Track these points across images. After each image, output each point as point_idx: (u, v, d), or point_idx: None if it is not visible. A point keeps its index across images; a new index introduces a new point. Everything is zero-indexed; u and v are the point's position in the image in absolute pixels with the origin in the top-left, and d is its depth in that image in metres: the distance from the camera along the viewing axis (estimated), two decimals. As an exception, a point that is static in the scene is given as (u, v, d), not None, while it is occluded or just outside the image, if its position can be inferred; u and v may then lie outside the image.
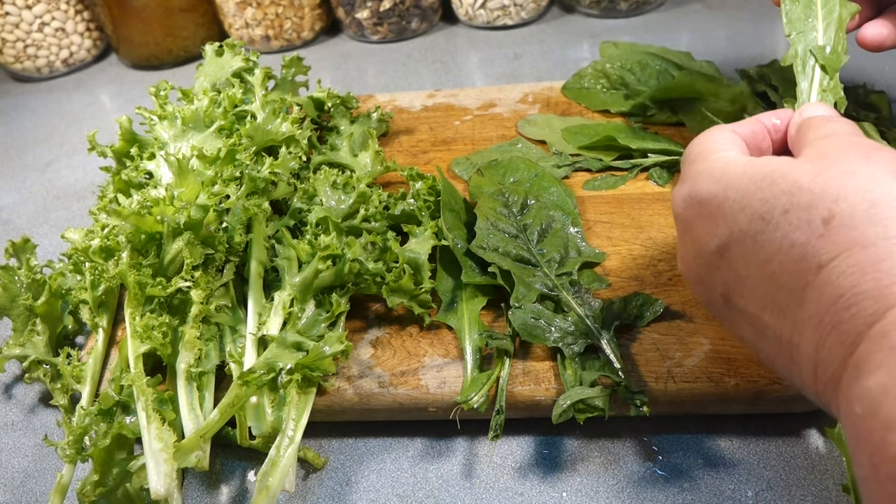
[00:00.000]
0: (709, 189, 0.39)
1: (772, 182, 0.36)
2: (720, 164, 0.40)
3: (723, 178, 0.39)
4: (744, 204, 0.37)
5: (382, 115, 0.78)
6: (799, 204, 0.34)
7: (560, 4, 1.10)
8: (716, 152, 0.41)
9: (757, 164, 0.38)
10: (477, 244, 0.57)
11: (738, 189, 0.37)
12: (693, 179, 0.41)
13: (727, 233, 0.37)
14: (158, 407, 0.50)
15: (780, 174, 0.36)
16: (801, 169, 0.35)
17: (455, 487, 0.51)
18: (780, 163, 0.37)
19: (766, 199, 0.36)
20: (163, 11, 1.05)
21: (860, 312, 0.30)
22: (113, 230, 0.57)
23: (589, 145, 0.71)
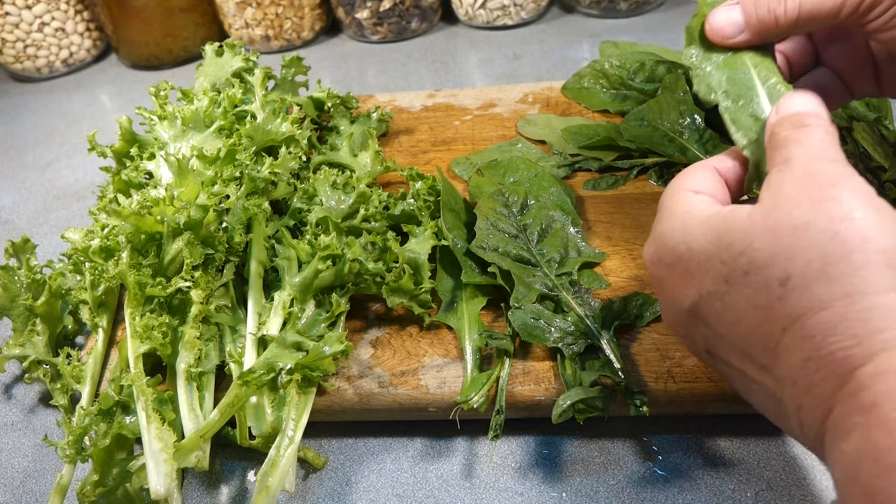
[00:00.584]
0: (674, 250, 0.39)
1: (729, 244, 0.35)
2: (681, 223, 0.39)
3: (685, 239, 0.38)
4: (707, 266, 0.36)
5: (382, 115, 0.78)
6: (756, 265, 0.34)
7: (560, 4, 1.10)
8: (683, 204, 0.40)
9: (715, 222, 0.37)
10: (477, 244, 0.57)
11: (700, 251, 0.37)
12: (660, 238, 0.40)
13: (696, 294, 0.37)
14: (158, 407, 0.50)
15: (737, 233, 0.35)
16: (755, 226, 0.35)
17: (455, 487, 0.51)
18: (735, 219, 0.36)
19: (726, 261, 0.35)
20: (163, 11, 1.05)
21: (829, 376, 0.30)
22: (113, 230, 0.57)
23: (589, 145, 0.71)
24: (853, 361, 0.30)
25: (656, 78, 0.77)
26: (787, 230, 0.33)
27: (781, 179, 0.36)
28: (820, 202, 0.33)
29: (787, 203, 0.34)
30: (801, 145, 0.37)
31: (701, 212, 0.39)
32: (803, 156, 0.36)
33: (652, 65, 0.78)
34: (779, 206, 0.34)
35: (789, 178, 0.35)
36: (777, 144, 0.39)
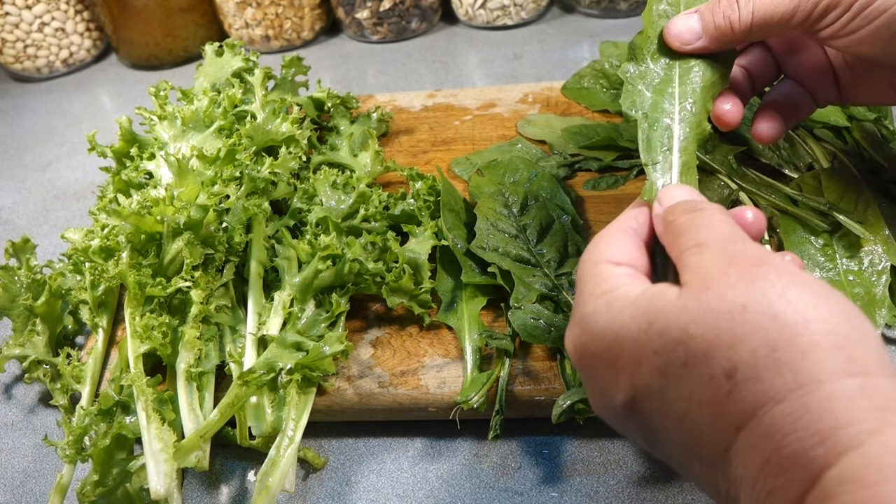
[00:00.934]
0: (600, 340, 0.35)
1: (662, 330, 0.32)
2: (605, 306, 0.35)
3: (612, 325, 0.35)
4: (639, 357, 0.33)
5: (382, 115, 0.78)
6: (696, 356, 0.31)
7: (560, 4, 1.10)
8: (604, 282, 0.37)
9: (642, 304, 0.34)
10: (477, 244, 0.57)
11: (630, 339, 0.33)
12: (583, 324, 0.36)
13: (630, 388, 0.34)
14: (158, 407, 0.50)
15: (669, 318, 0.32)
16: (688, 310, 0.32)
17: (455, 487, 0.51)
18: (664, 303, 0.33)
19: (660, 351, 0.32)
20: (163, 11, 1.05)
21: (792, 480, 0.27)
22: (113, 230, 0.57)
23: (589, 145, 0.71)
24: (818, 463, 0.27)
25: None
26: (724, 314, 0.31)
27: (701, 262, 0.33)
28: (751, 282, 0.31)
29: (717, 284, 0.32)
30: (708, 229, 0.35)
31: (626, 292, 0.36)
32: (715, 238, 0.34)
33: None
34: (708, 287, 0.32)
35: (710, 259, 0.33)
36: (679, 230, 0.37)
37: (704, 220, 0.36)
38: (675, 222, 0.38)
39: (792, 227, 0.58)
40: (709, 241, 0.34)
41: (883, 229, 0.56)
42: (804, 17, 0.45)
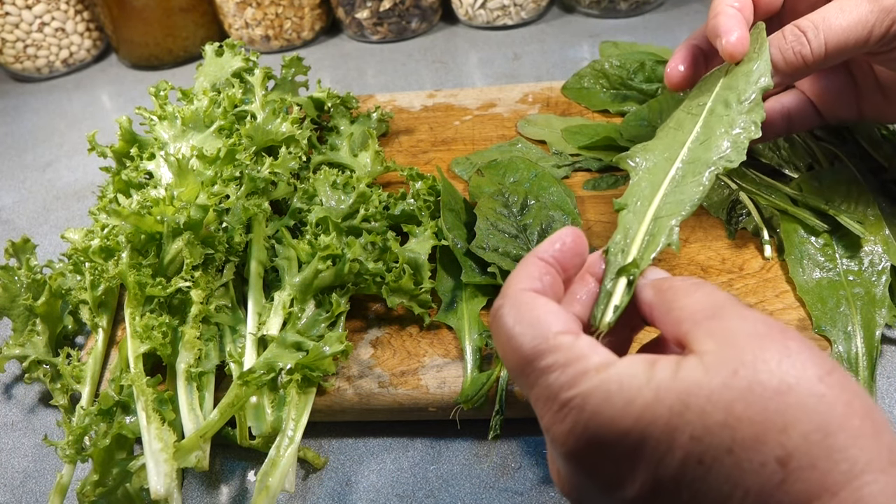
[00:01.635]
0: (614, 428, 0.30)
1: (701, 413, 0.28)
2: (616, 387, 0.30)
3: (631, 410, 0.29)
4: (670, 444, 0.28)
5: (382, 115, 0.78)
6: (743, 441, 0.28)
7: (560, 4, 1.10)
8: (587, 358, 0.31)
9: (665, 384, 0.29)
10: (477, 244, 0.57)
11: (659, 425, 0.29)
12: (585, 408, 0.30)
13: (651, 480, 0.29)
14: (158, 407, 0.50)
15: (710, 400, 0.28)
16: (730, 389, 0.28)
17: (455, 487, 0.51)
18: (697, 379, 0.29)
19: (701, 438, 0.28)
20: (163, 11, 1.05)
21: None
22: (113, 230, 0.57)
23: (589, 145, 0.71)
24: None
25: (656, 78, 0.77)
26: (770, 392, 0.28)
27: (726, 326, 0.30)
28: (789, 356, 0.29)
29: (753, 357, 0.29)
30: (712, 293, 0.33)
31: (631, 371, 0.30)
32: (726, 300, 0.32)
33: (652, 65, 0.78)
34: (745, 361, 0.29)
35: (736, 324, 0.30)
36: (676, 294, 0.34)
37: (704, 288, 0.34)
38: (670, 290, 0.35)
39: (792, 227, 0.58)
40: (722, 305, 0.32)
41: (883, 229, 0.56)
42: (879, 39, 0.45)
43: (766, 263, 0.58)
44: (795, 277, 0.55)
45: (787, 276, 0.56)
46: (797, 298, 0.54)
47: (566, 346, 0.32)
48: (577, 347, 0.32)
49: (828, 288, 0.54)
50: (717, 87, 0.47)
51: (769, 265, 0.58)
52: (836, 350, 0.50)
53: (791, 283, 0.56)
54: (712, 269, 0.58)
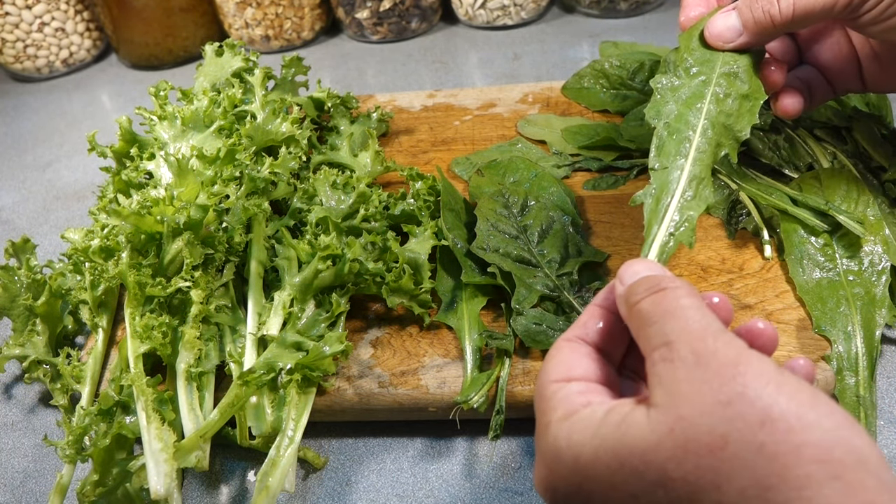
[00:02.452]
0: (568, 481, 0.32)
1: (635, 472, 0.29)
2: (564, 442, 0.32)
3: (577, 467, 0.31)
4: (614, 500, 0.30)
5: (382, 115, 0.78)
6: (679, 500, 0.28)
7: (560, 4, 1.10)
8: (558, 409, 0.34)
9: (609, 439, 0.31)
10: (477, 245, 0.57)
11: (600, 481, 0.30)
12: (546, 464, 0.33)
13: None
14: (158, 407, 0.50)
15: (644, 459, 0.29)
16: (662, 447, 0.29)
17: (455, 487, 0.51)
18: (635, 436, 0.30)
19: (638, 494, 0.29)
20: (163, 11, 1.05)
21: None
22: (113, 230, 0.57)
23: (589, 145, 0.71)
24: None
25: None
26: (703, 450, 0.28)
27: (673, 376, 0.30)
28: (728, 404, 0.28)
29: (691, 410, 0.29)
30: (675, 318, 0.32)
31: (585, 417, 0.32)
32: (683, 333, 0.31)
33: (652, 65, 0.78)
34: (682, 415, 0.29)
35: (681, 370, 0.30)
36: (644, 318, 0.34)
37: (670, 305, 0.33)
38: (638, 306, 0.34)
39: (792, 227, 0.58)
40: (677, 339, 0.31)
41: (883, 229, 0.56)
42: (846, 4, 0.46)
43: (766, 263, 0.58)
44: (795, 277, 0.55)
45: (787, 276, 0.56)
46: (797, 298, 0.54)
47: (548, 395, 0.35)
48: (556, 398, 0.34)
49: (828, 288, 0.54)
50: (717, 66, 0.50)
51: (769, 265, 0.58)
52: (836, 350, 0.50)
53: (791, 283, 0.56)
54: (712, 269, 0.58)
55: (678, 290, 0.34)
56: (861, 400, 0.48)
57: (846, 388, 0.49)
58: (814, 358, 0.50)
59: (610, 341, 0.38)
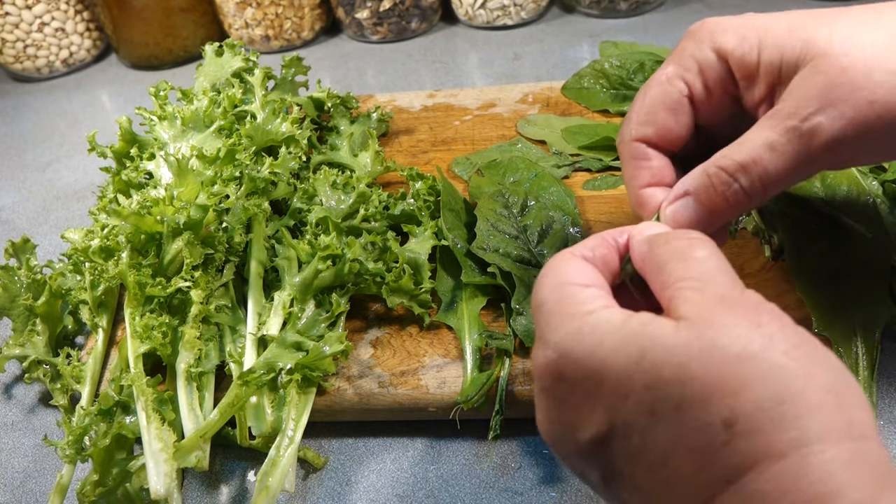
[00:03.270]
0: (581, 366, 0.31)
1: (657, 365, 0.29)
2: (590, 328, 0.32)
3: (597, 352, 0.31)
4: (626, 391, 0.30)
5: (382, 115, 0.78)
6: (693, 399, 0.28)
7: (560, 4, 1.10)
8: (581, 305, 0.33)
9: (634, 332, 0.31)
10: (477, 245, 0.57)
11: (617, 369, 0.30)
12: (559, 348, 0.32)
13: (606, 423, 0.31)
14: (158, 407, 0.50)
15: (666, 352, 0.29)
16: (689, 347, 0.29)
17: (455, 487, 0.51)
18: (661, 334, 0.30)
19: (652, 388, 0.29)
20: (163, 11, 1.05)
21: None
22: (113, 230, 0.57)
23: (589, 145, 0.71)
24: None
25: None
26: (731, 357, 0.28)
27: (704, 296, 0.31)
28: (758, 326, 0.29)
29: (722, 322, 0.29)
30: (704, 262, 0.32)
31: (609, 315, 0.32)
32: (713, 279, 0.32)
33: (652, 65, 0.78)
34: (713, 325, 0.29)
35: (712, 294, 0.31)
36: (667, 257, 0.33)
37: (698, 252, 0.33)
38: (664, 247, 0.34)
39: (792, 227, 0.58)
40: (710, 281, 0.32)
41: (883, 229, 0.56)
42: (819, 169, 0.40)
43: (766, 263, 0.58)
44: (795, 278, 0.55)
45: (787, 276, 0.56)
46: (797, 298, 0.54)
47: (567, 294, 0.34)
48: (577, 295, 0.34)
49: (828, 288, 0.54)
50: None
51: (769, 265, 0.58)
52: (836, 350, 0.50)
53: (791, 283, 0.56)
54: (712, 269, 0.58)
55: (711, 247, 0.34)
56: (861, 400, 0.48)
57: (846, 388, 0.49)
58: (814, 358, 0.50)
59: (612, 275, 0.38)
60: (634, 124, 0.44)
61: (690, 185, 0.41)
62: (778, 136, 0.38)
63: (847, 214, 0.56)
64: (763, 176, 0.39)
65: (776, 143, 0.38)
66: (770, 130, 0.38)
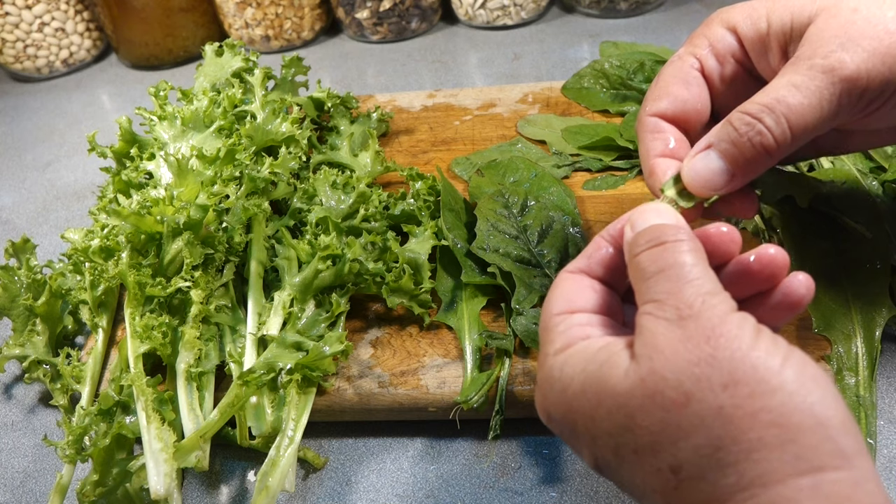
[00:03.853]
0: (558, 409, 0.34)
1: (611, 413, 0.31)
2: (557, 374, 0.34)
3: (565, 397, 0.34)
4: (594, 433, 0.32)
5: (382, 115, 0.78)
6: (643, 447, 0.30)
7: (560, 4, 1.10)
8: (554, 343, 0.36)
9: (593, 377, 0.32)
10: (478, 245, 0.57)
11: (583, 414, 0.33)
12: (542, 392, 0.36)
13: (591, 456, 0.33)
14: (158, 407, 0.50)
15: (616, 403, 0.31)
16: (633, 396, 0.30)
17: (455, 487, 0.51)
18: (612, 381, 0.31)
19: (612, 433, 0.31)
20: (163, 11, 1.05)
21: None
22: (113, 230, 0.57)
23: (589, 145, 0.71)
24: None
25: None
26: (669, 404, 0.29)
27: (655, 329, 0.31)
28: (697, 364, 0.29)
29: (664, 365, 0.30)
30: (667, 279, 0.32)
31: (578, 352, 0.34)
32: (672, 295, 0.32)
33: (652, 65, 0.78)
34: (655, 369, 0.30)
35: (662, 327, 0.31)
36: (640, 274, 0.34)
37: (667, 262, 0.33)
38: (637, 259, 0.35)
39: (792, 228, 0.58)
40: (667, 301, 0.32)
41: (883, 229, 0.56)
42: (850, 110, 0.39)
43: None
44: (795, 277, 0.55)
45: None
46: (797, 298, 0.54)
47: (550, 327, 0.36)
48: (556, 330, 0.36)
49: (828, 288, 0.54)
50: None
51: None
52: (836, 350, 0.50)
53: (791, 283, 0.56)
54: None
55: (679, 245, 0.33)
56: (861, 400, 0.48)
57: (846, 387, 0.49)
58: (814, 358, 0.50)
59: (613, 273, 0.38)
60: (649, 101, 0.44)
61: (712, 136, 0.40)
62: (801, 75, 0.38)
63: (847, 214, 0.56)
64: (788, 115, 0.37)
65: (799, 82, 0.37)
66: (792, 73, 0.38)
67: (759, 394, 0.28)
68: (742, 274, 0.35)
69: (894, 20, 0.37)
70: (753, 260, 0.35)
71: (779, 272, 0.35)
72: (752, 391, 0.28)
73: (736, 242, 0.36)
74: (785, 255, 0.35)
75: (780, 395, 0.28)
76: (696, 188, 0.40)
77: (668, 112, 0.43)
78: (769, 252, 0.35)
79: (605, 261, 0.38)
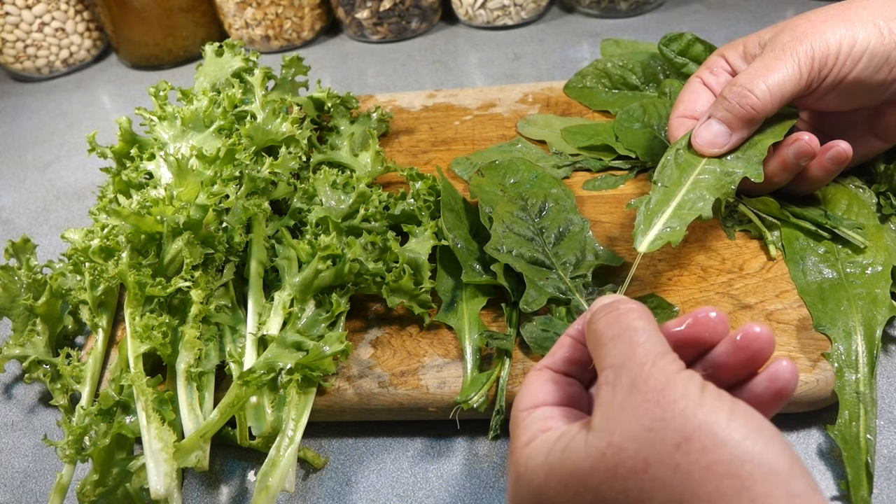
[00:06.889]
0: (532, 498, 0.36)
1: (577, 493, 0.33)
2: (523, 468, 0.36)
3: (531, 490, 0.36)
4: None
5: (382, 115, 0.78)
6: None
7: (560, 4, 1.10)
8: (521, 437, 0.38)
9: (555, 464, 0.35)
10: (492, 246, 0.57)
11: (555, 497, 0.34)
12: (512, 488, 0.38)
13: None
14: (158, 407, 0.50)
15: (581, 482, 0.33)
16: (596, 471, 0.33)
17: (455, 487, 0.51)
18: (574, 461, 0.34)
19: None
20: (163, 11, 1.05)
21: None
22: (113, 230, 0.57)
23: (589, 145, 0.71)
24: None
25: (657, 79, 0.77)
26: (628, 473, 0.31)
27: (611, 398, 0.34)
28: (651, 429, 0.31)
29: (620, 435, 0.32)
30: (622, 342, 0.35)
31: (539, 445, 0.36)
32: (626, 358, 0.34)
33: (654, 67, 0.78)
34: (613, 442, 0.32)
35: (618, 395, 0.34)
36: (597, 341, 0.37)
37: (620, 327, 0.36)
38: (593, 327, 0.38)
39: (793, 233, 0.58)
40: (621, 365, 0.34)
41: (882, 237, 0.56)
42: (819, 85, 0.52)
43: (766, 263, 0.58)
44: (797, 280, 0.55)
45: (787, 276, 0.56)
46: (797, 298, 0.54)
47: (517, 422, 0.39)
48: (521, 425, 0.38)
49: (829, 289, 0.54)
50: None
51: (769, 265, 0.58)
52: (837, 348, 0.50)
53: (791, 283, 0.56)
54: (712, 269, 0.58)
55: (630, 313, 0.36)
56: (861, 396, 0.48)
57: (846, 385, 0.49)
58: (814, 356, 0.50)
59: (575, 366, 0.41)
60: (673, 111, 0.60)
61: (711, 109, 0.55)
62: (766, 55, 0.53)
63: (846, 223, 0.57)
64: (763, 79, 0.52)
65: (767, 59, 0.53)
66: (760, 58, 0.54)
67: (711, 448, 0.30)
68: (730, 353, 0.38)
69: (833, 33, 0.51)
70: (740, 339, 0.37)
71: (765, 347, 0.37)
72: (703, 446, 0.30)
73: (724, 324, 0.38)
74: (770, 333, 0.37)
75: (730, 447, 0.30)
76: (703, 149, 0.55)
77: (686, 113, 0.59)
78: (754, 330, 0.37)
79: (568, 356, 0.41)
